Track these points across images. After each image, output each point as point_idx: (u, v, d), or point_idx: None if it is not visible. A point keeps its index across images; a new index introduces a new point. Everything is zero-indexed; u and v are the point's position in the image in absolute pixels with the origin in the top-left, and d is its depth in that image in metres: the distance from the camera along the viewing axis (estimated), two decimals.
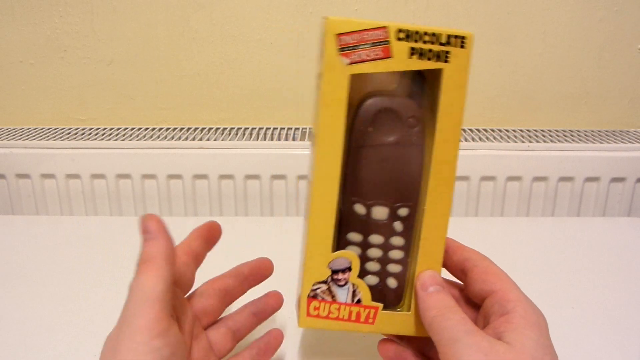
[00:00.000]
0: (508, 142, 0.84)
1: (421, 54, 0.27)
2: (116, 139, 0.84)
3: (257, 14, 0.88)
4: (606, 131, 0.91)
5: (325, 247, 0.29)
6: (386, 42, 0.27)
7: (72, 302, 0.44)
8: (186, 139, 0.85)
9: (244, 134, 0.87)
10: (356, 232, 0.30)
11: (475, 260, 0.31)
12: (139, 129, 0.90)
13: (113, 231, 0.59)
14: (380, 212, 0.30)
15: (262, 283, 0.35)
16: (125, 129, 0.90)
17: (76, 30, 0.89)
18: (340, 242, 0.30)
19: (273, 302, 0.34)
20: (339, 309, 0.30)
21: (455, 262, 0.32)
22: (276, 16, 0.88)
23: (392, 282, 0.31)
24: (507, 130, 0.90)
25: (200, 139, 0.84)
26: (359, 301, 0.30)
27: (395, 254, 0.31)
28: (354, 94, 0.29)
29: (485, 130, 0.90)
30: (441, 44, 0.28)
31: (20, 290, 0.46)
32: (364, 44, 0.27)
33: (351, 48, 0.27)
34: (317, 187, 0.29)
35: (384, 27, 0.27)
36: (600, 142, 0.84)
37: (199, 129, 0.90)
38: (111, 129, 0.90)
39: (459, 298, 0.32)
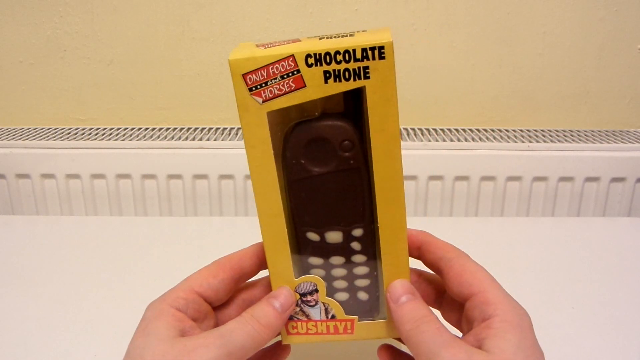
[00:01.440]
0: (508, 142, 0.84)
1: (337, 77, 0.25)
2: (116, 139, 0.84)
3: (257, 14, 0.88)
4: (606, 131, 0.91)
5: (287, 275, 0.29)
6: (296, 71, 0.25)
7: (72, 302, 0.44)
8: (186, 139, 0.85)
9: None
10: (315, 256, 0.30)
11: (449, 259, 0.29)
12: (139, 129, 0.90)
13: (113, 231, 0.59)
14: (334, 237, 0.29)
15: None
16: (125, 129, 0.90)
17: (76, 30, 0.89)
18: (303, 265, 0.30)
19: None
20: (315, 325, 0.30)
21: (430, 262, 0.31)
22: (276, 16, 0.88)
23: (362, 295, 0.31)
24: (507, 130, 0.90)
25: (200, 139, 0.84)
26: (333, 316, 0.30)
27: (360, 270, 0.30)
28: (281, 121, 0.27)
29: (485, 130, 0.90)
30: (357, 60, 0.24)
31: (20, 290, 0.46)
32: (274, 79, 0.25)
33: (261, 86, 0.25)
34: (264, 225, 0.28)
35: (290, 56, 0.25)
36: (600, 142, 0.84)
37: (199, 129, 0.89)
38: (111, 129, 0.90)
39: (441, 298, 0.32)
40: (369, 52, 0.24)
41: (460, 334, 0.29)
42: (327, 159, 0.27)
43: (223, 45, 0.89)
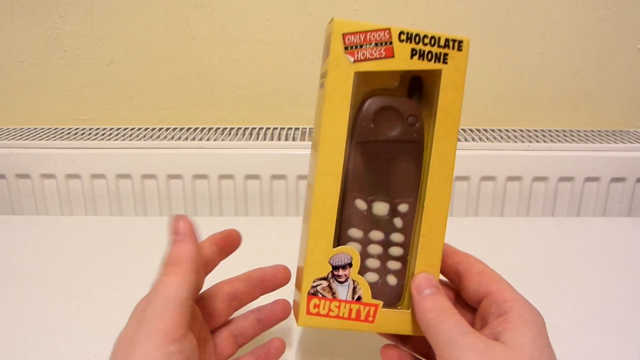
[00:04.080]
0: (508, 142, 0.84)
1: (421, 55, 0.29)
2: (116, 139, 0.84)
3: (257, 14, 0.88)
4: (606, 131, 0.91)
5: (326, 242, 0.29)
6: (389, 42, 0.28)
7: (72, 302, 0.44)
8: (186, 139, 0.85)
9: (244, 134, 0.87)
10: (357, 228, 0.30)
11: (469, 263, 0.31)
12: (139, 129, 0.90)
13: (113, 231, 0.59)
14: (381, 208, 0.30)
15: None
16: (125, 129, 0.90)
17: (76, 30, 0.89)
18: (341, 239, 0.30)
19: (279, 311, 0.34)
20: (339, 307, 0.30)
21: (449, 265, 0.32)
22: (276, 16, 0.88)
23: (392, 280, 0.31)
24: (507, 130, 0.90)
25: (200, 139, 0.84)
26: (359, 298, 0.30)
27: (395, 251, 0.31)
28: (357, 94, 0.29)
29: (485, 130, 0.90)
30: (440, 46, 0.29)
31: (20, 290, 0.46)
32: (368, 44, 0.28)
33: (356, 47, 0.28)
34: (319, 183, 0.29)
35: (387, 29, 0.28)
36: (600, 142, 0.84)
37: (199, 129, 0.89)
38: (111, 129, 0.90)
39: (455, 301, 0.32)
40: (451, 43, 0.29)
41: None
42: (394, 127, 0.30)
43: (223, 45, 0.89)
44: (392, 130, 0.30)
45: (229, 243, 0.33)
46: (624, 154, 0.82)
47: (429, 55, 0.29)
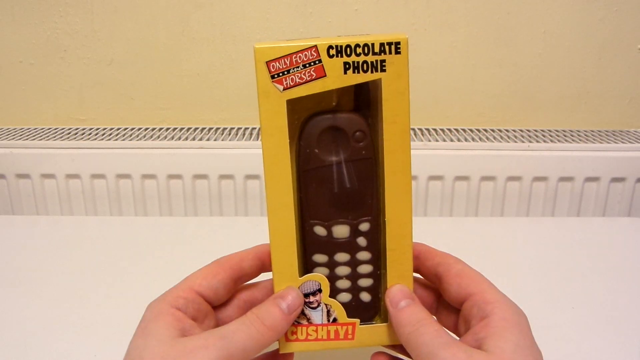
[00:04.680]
0: (508, 142, 0.84)
1: (356, 68, 0.26)
2: (116, 139, 0.84)
3: (257, 14, 0.88)
4: (606, 131, 0.91)
5: (291, 273, 0.29)
6: (318, 61, 0.26)
7: (72, 302, 0.44)
8: (186, 139, 0.85)
9: (244, 134, 0.87)
10: (321, 253, 0.30)
11: (448, 264, 0.30)
12: (139, 129, 0.90)
13: (113, 231, 0.59)
14: (341, 231, 0.29)
15: None
16: (125, 129, 0.90)
17: (76, 30, 0.89)
18: (307, 265, 0.30)
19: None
20: (316, 331, 0.30)
21: (428, 267, 0.31)
22: (276, 16, 0.88)
23: (365, 296, 0.31)
24: (507, 130, 0.90)
25: (200, 139, 0.84)
26: (334, 320, 0.30)
27: (364, 269, 0.30)
28: (296, 114, 0.28)
29: (485, 130, 0.90)
30: (375, 53, 0.26)
31: (20, 290, 0.46)
32: (295, 67, 0.26)
33: (283, 73, 0.26)
34: (273, 217, 0.28)
35: (313, 46, 0.26)
36: (600, 142, 0.84)
37: (199, 129, 0.89)
38: (111, 129, 0.90)
39: (437, 304, 0.32)
40: (386, 47, 0.27)
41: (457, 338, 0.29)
42: (339, 149, 0.28)
43: (223, 45, 0.89)
44: (338, 152, 0.28)
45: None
46: (624, 154, 0.82)
47: (364, 65, 0.26)
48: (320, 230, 0.29)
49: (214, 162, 0.82)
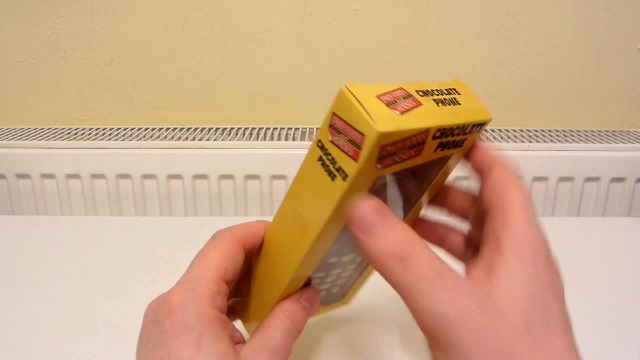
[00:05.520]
0: (508, 142, 0.84)
1: (444, 146, 0.25)
2: (116, 139, 0.84)
3: (257, 14, 0.88)
4: (606, 131, 0.91)
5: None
6: (423, 143, 0.23)
7: (72, 302, 0.44)
8: (186, 139, 0.85)
9: (244, 134, 0.87)
10: (320, 271, 0.30)
11: (491, 165, 0.26)
12: (139, 129, 0.90)
13: (113, 231, 0.59)
14: (348, 257, 0.30)
15: None
16: (125, 129, 0.90)
17: (76, 30, 0.89)
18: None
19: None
20: None
21: (475, 165, 0.27)
22: (276, 16, 0.88)
23: (336, 290, 0.33)
24: (507, 130, 0.90)
25: (200, 139, 0.84)
26: None
27: (349, 275, 0.32)
28: None
29: (486, 130, 0.90)
30: (465, 133, 0.25)
31: (20, 290, 0.46)
32: (402, 150, 0.23)
33: (390, 155, 0.23)
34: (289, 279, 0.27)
35: (426, 130, 0.23)
36: (600, 142, 0.84)
37: (199, 129, 0.89)
38: (111, 129, 0.90)
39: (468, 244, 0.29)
40: (476, 127, 0.25)
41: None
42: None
43: (223, 45, 0.89)
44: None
45: None
46: (624, 154, 0.82)
47: (451, 144, 0.25)
48: (333, 259, 0.30)
49: (214, 162, 0.82)
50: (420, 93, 0.24)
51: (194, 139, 0.84)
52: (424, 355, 0.37)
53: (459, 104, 0.25)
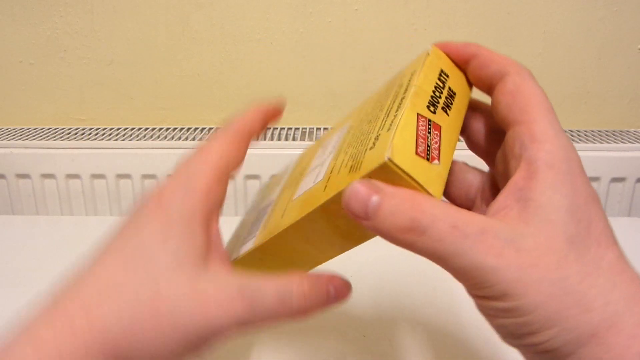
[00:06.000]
0: None
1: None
2: (116, 139, 0.84)
3: (257, 14, 0.88)
4: (606, 131, 0.91)
5: None
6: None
7: None
8: (186, 139, 0.85)
9: None
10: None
11: (505, 74, 0.23)
12: (139, 129, 0.90)
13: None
14: None
15: None
16: (125, 129, 0.90)
17: (76, 30, 0.89)
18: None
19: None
20: None
21: (482, 79, 0.25)
22: (276, 16, 0.88)
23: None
24: None
25: (200, 139, 0.84)
26: None
27: None
28: None
29: None
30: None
31: (20, 290, 0.46)
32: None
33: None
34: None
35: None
36: (600, 142, 0.84)
37: (199, 129, 0.90)
38: (111, 129, 0.90)
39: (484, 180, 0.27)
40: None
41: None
42: None
43: (223, 45, 0.89)
44: None
45: (274, 114, 0.30)
46: (624, 154, 0.82)
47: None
48: None
49: None
50: (431, 108, 0.23)
51: (194, 139, 0.84)
52: (424, 355, 0.37)
53: (455, 94, 0.24)
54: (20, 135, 0.86)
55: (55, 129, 0.90)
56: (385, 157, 0.19)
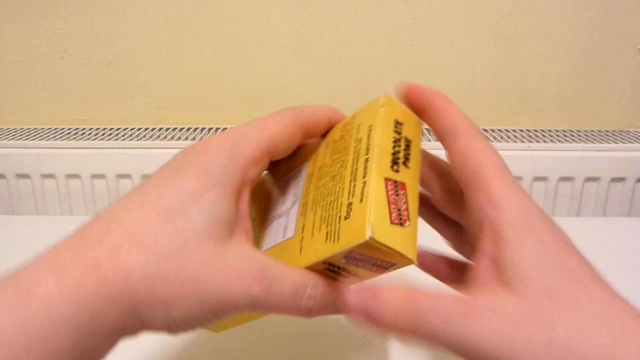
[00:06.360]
0: (508, 142, 0.84)
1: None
2: (116, 139, 0.84)
3: (257, 14, 0.88)
4: (606, 131, 0.91)
5: None
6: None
7: None
8: (186, 139, 0.85)
9: None
10: None
11: (453, 132, 0.24)
12: (139, 129, 0.90)
13: None
14: None
15: None
16: (125, 129, 0.90)
17: (76, 30, 0.89)
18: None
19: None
20: None
21: (436, 130, 0.25)
22: (276, 16, 0.88)
23: None
24: (507, 130, 0.90)
25: (200, 139, 0.84)
26: None
27: None
28: None
29: (485, 130, 0.90)
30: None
31: None
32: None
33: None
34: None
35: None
36: (600, 142, 0.84)
37: (199, 129, 0.89)
38: (111, 129, 0.90)
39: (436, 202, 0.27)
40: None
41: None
42: None
43: (223, 45, 0.89)
44: None
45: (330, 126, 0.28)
46: (624, 154, 0.82)
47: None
48: None
49: None
50: (395, 167, 0.24)
51: (194, 139, 0.84)
52: (423, 355, 0.37)
53: (411, 141, 0.26)
54: (20, 135, 0.86)
55: (55, 129, 0.90)
56: (367, 236, 0.21)
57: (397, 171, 0.24)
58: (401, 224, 0.23)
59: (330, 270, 0.24)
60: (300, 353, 0.38)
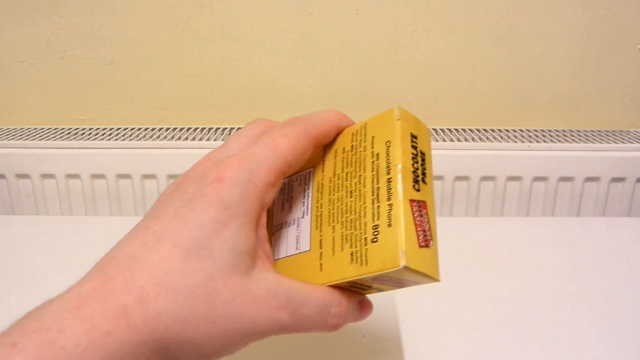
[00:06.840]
0: (508, 142, 0.84)
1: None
2: (116, 139, 0.84)
3: (257, 14, 0.88)
4: (606, 131, 0.91)
5: None
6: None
7: None
8: (186, 139, 0.85)
9: None
10: None
11: None
12: (139, 129, 0.90)
13: (113, 231, 0.59)
14: None
15: None
16: (125, 129, 0.90)
17: (76, 30, 0.89)
18: None
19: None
20: None
21: None
22: (276, 16, 0.88)
23: None
24: (507, 130, 0.90)
25: (200, 139, 0.84)
26: None
27: None
28: None
29: (485, 130, 0.90)
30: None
31: (20, 290, 0.46)
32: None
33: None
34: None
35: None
36: (600, 142, 0.84)
37: (199, 129, 0.90)
38: (111, 129, 0.90)
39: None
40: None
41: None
42: None
43: (223, 45, 0.89)
44: None
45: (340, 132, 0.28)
46: (624, 154, 0.82)
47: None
48: None
49: None
50: (416, 186, 0.24)
51: (194, 139, 0.84)
52: (423, 355, 0.37)
53: (425, 154, 0.26)
54: (20, 135, 0.86)
55: (55, 129, 0.90)
56: (401, 265, 0.22)
57: (418, 190, 0.24)
58: (427, 245, 0.23)
59: (352, 286, 0.25)
60: (300, 353, 0.38)
